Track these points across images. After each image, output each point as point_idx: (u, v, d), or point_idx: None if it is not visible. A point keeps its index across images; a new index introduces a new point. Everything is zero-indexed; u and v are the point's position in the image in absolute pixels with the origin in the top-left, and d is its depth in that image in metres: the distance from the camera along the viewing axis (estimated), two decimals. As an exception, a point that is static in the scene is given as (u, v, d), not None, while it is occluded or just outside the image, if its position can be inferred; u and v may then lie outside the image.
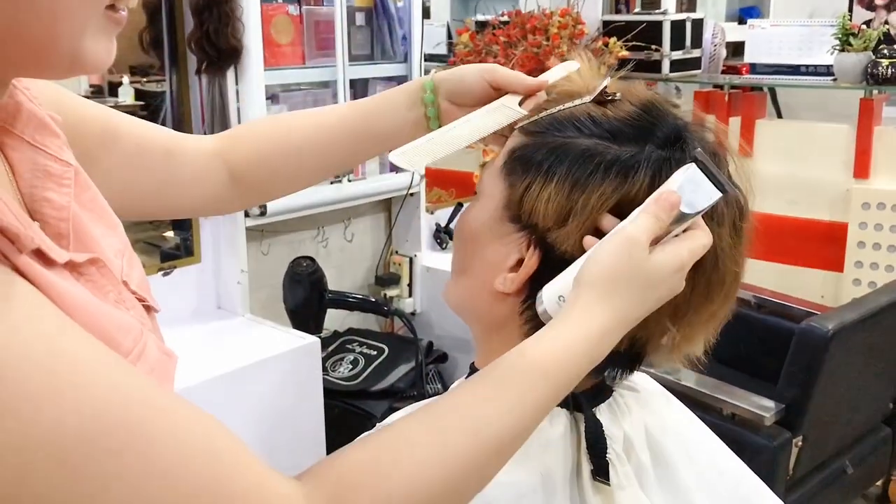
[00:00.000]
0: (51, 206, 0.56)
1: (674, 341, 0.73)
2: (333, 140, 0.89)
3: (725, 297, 0.73)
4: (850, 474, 2.04)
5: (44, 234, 0.50)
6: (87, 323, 0.48)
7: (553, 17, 2.70)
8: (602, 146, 0.69)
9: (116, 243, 0.63)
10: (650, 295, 0.64)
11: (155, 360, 0.56)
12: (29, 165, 0.57)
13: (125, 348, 0.52)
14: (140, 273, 0.65)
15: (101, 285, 0.55)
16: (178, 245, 2.12)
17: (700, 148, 0.68)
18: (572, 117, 0.72)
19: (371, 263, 2.65)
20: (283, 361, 1.94)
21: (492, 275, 0.73)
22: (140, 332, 0.55)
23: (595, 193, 0.67)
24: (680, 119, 0.72)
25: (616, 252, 0.63)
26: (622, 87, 0.74)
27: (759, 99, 2.88)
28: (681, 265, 0.64)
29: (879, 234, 2.55)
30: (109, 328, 0.51)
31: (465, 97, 0.83)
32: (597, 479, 0.72)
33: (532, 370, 0.59)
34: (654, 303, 0.65)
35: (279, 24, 2.13)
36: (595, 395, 0.77)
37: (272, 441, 1.89)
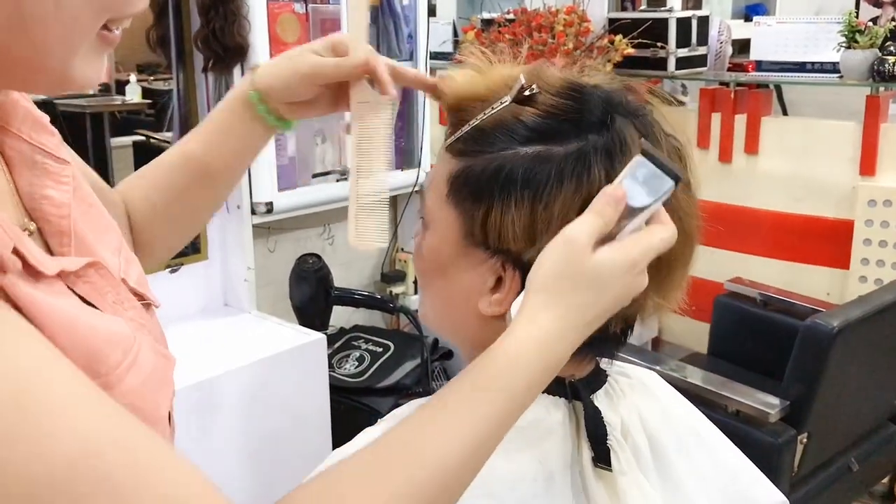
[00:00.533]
0: (51, 203, 0.56)
1: (656, 304, 0.73)
2: (193, 182, 0.84)
3: (693, 248, 0.73)
4: (855, 471, 2.04)
5: (33, 245, 0.49)
6: (73, 342, 0.47)
7: (559, 15, 2.70)
8: (545, 151, 0.67)
9: (113, 241, 0.63)
10: (602, 296, 0.61)
11: (150, 367, 0.55)
12: (27, 163, 0.56)
13: (114, 360, 0.51)
14: (138, 269, 0.64)
15: (99, 287, 0.55)
16: (185, 242, 2.13)
17: (642, 132, 0.67)
18: (500, 125, 0.69)
19: (377, 260, 2.66)
20: (290, 358, 1.95)
21: (474, 300, 0.72)
22: (132, 340, 0.54)
23: (557, 203, 0.65)
24: (600, 91, 0.70)
25: (554, 254, 0.61)
26: (531, 73, 0.71)
27: (765, 96, 2.88)
28: (632, 263, 0.61)
29: (886, 231, 2.54)
30: (97, 342, 0.50)
31: (298, 99, 0.80)
32: (598, 465, 0.72)
33: (480, 388, 0.57)
34: (610, 303, 0.62)
35: (285, 23, 2.14)
36: (591, 381, 0.77)
37: (278, 437, 1.90)
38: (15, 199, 0.55)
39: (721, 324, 2.51)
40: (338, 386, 2.19)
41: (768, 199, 2.79)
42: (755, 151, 2.81)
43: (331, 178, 2.36)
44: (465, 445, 0.56)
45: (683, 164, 0.72)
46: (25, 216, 0.55)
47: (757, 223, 2.81)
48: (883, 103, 2.58)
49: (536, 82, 0.70)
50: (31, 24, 0.46)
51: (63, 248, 0.56)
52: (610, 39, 2.78)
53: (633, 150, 0.66)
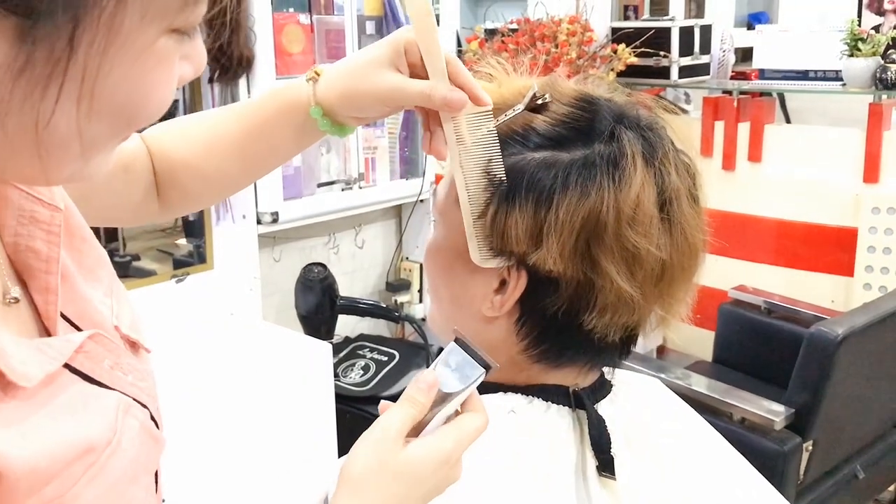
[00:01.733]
0: (37, 257, 0.52)
1: (659, 317, 0.74)
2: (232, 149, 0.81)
3: (699, 263, 0.73)
4: (861, 479, 2.04)
5: (13, 347, 0.45)
6: (31, 484, 0.44)
7: (562, 25, 2.71)
8: (551, 157, 0.68)
9: (104, 279, 0.60)
10: (413, 490, 0.59)
11: (122, 468, 0.50)
12: (14, 212, 0.53)
13: (72, 479, 0.47)
14: (130, 310, 0.61)
15: (94, 356, 0.52)
16: (190, 252, 2.15)
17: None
18: (511, 132, 0.71)
19: (382, 270, 2.67)
20: (295, 367, 1.96)
21: (479, 302, 0.73)
22: (108, 440, 0.49)
23: (561, 208, 0.66)
24: (612, 104, 0.72)
25: (366, 447, 0.60)
26: (545, 84, 0.72)
27: (768, 104, 2.88)
28: (445, 458, 0.60)
29: (890, 238, 2.54)
30: (57, 469, 0.46)
31: (369, 116, 0.75)
32: (602, 474, 0.73)
33: None
34: (422, 498, 0.60)
35: (290, 34, 2.15)
36: (595, 390, 0.78)
37: (283, 446, 1.90)
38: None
39: (725, 332, 2.51)
40: (343, 395, 2.20)
41: (772, 206, 2.79)
42: (758, 159, 2.81)
43: (336, 187, 2.37)
44: None
45: (692, 179, 0.72)
46: (10, 274, 0.52)
47: (760, 231, 2.81)
48: (886, 111, 2.58)
49: (550, 92, 0.71)
50: (50, 153, 0.45)
51: (48, 306, 0.52)
52: (613, 49, 2.79)
53: (638, 162, 0.67)
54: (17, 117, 0.43)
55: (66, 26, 0.41)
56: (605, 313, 0.69)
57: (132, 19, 0.43)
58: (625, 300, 0.68)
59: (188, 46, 0.48)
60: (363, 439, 0.61)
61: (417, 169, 2.56)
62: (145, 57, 0.44)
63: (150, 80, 0.45)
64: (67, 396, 0.49)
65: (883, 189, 2.58)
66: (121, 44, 0.43)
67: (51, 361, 0.48)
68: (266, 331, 2.11)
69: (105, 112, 0.45)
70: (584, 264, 0.67)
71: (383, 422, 0.61)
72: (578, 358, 0.74)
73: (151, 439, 0.55)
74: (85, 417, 0.49)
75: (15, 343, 0.46)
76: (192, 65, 0.49)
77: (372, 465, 0.59)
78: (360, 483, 0.59)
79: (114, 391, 0.53)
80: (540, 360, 0.74)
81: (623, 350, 0.76)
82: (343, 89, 0.73)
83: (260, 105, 0.80)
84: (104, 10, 0.41)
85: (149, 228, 2.12)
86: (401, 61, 0.70)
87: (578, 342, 0.73)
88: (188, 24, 0.46)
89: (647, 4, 3.89)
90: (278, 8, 2.13)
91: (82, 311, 0.55)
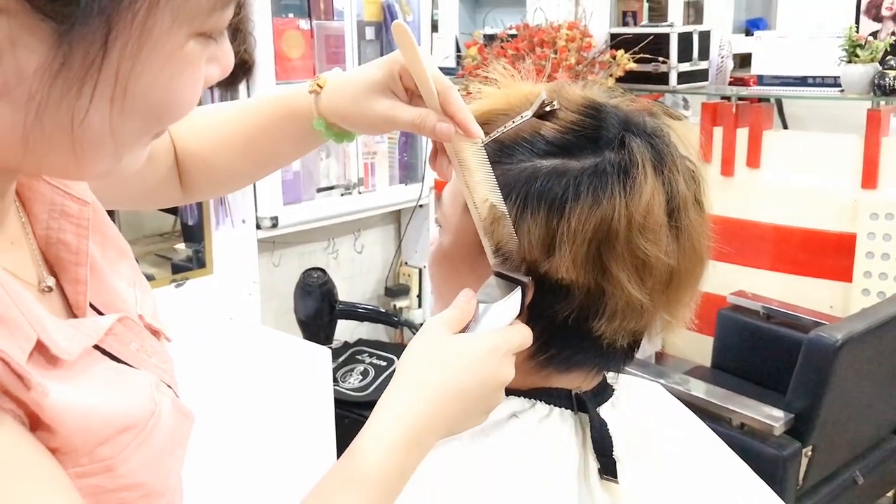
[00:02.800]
0: (67, 249, 0.55)
1: (665, 322, 0.74)
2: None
3: (704, 268, 0.74)
4: (860, 484, 2.04)
5: (53, 324, 0.48)
6: (85, 440, 0.47)
7: (561, 31, 2.72)
8: (561, 165, 0.68)
9: (128, 271, 0.62)
10: (461, 374, 0.62)
11: (164, 437, 0.54)
12: (45, 206, 0.56)
13: (121, 445, 0.49)
14: (152, 300, 0.64)
15: (122, 338, 0.55)
16: (190, 257, 2.15)
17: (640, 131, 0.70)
18: (519, 139, 0.71)
19: (381, 275, 2.67)
20: (294, 372, 1.96)
21: None
22: (149, 414, 0.53)
23: (573, 216, 0.66)
24: (619, 111, 0.72)
25: (416, 340, 0.64)
26: (552, 90, 0.73)
27: (767, 110, 2.89)
28: (492, 346, 0.63)
29: (888, 244, 2.55)
30: (108, 433, 0.49)
31: (367, 134, 0.78)
32: (605, 477, 0.73)
33: (349, 479, 0.59)
34: (471, 382, 0.62)
35: (290, 39, 2.16)
36: (598, 394, 0.78)
37: (283, 451, 1.90)
38: (31, 244, 0.55)
39: (724, 337, 2.51)
40: (342, 400, 2.20)
41: (770, 212, 2.80)
42: (757, 165, 2.82)
43: (335, 192, 2.37)
44: None
45: (697, 185, 0.73)
46: (42, 264, 0.55)
47: (759, 236, 2.82)
48: (884, 117, 2.59)
49: (557, 98, 0.71)
50: (84, 150, 0.47)
51: (78, 297, 0.55)
52: (612, 55, 2.80)
53: (648, 170, 0.68)
54: (55, 115, 0.44)
55: (100, 30, 0.43)
56: (614, 319, 0.69)
57: (163, 24, 0.44)
58: (634, 306, 0.68)
59: (215, 48, 0.50)
60: (414, 338, 0.64)
61: (417, 174, 2.57)
62: (175, 60, 0.46)
63: (179, 82, 0.47)
64: (103, 373, 0.51)
65: (881, 195, 2.58)
66: (152, 47, 0.45)
67: (86, 337, 0.51)
68: (265, 336, 2.11)
69: (136, 111, 0.47)
70: (595, 272, 0.67)
71: (428, 321, 0.64)
72: (586, 363, 0.74)
73: (182, 415, 0.58)
74: (123, 390, 0.52)
75: (54, 322, 0.48)
76: (219, 66, 0.51)
77: (420, 353, 0.62)
78: (410, 371, 0.62)
79: (142, 371, 0.55)
80: (547, 365, 0.75)
81: (628, 355, 0.76)
82: (341, 110, 0.75)
83: (267, 107, 0.82)
84: (136, 15, 0.43)
85: (148, 233, 2.13)
86: (396, 85, 0.71)
87: (586, 348, 0.73)
88: (216, 28, 0.48)
89: (645, 10, 3.90)
90: (278, 13, 2.14)
91: (109, 301, 0.58)
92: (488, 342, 0.63)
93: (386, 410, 0.61)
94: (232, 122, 0.84)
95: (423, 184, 2.55)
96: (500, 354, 0.63)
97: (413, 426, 0.60)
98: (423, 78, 0.67)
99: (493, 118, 0.73)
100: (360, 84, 0.73)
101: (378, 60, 0.73)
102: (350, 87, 0.74)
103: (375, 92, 0.72)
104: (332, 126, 0.77)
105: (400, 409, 0.61)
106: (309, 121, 0.77)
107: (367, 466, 0.59)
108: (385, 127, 0.73)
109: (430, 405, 0.61)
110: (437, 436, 0.62)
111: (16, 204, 0.55)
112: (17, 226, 0.54)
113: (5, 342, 0.43)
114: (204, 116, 0.85)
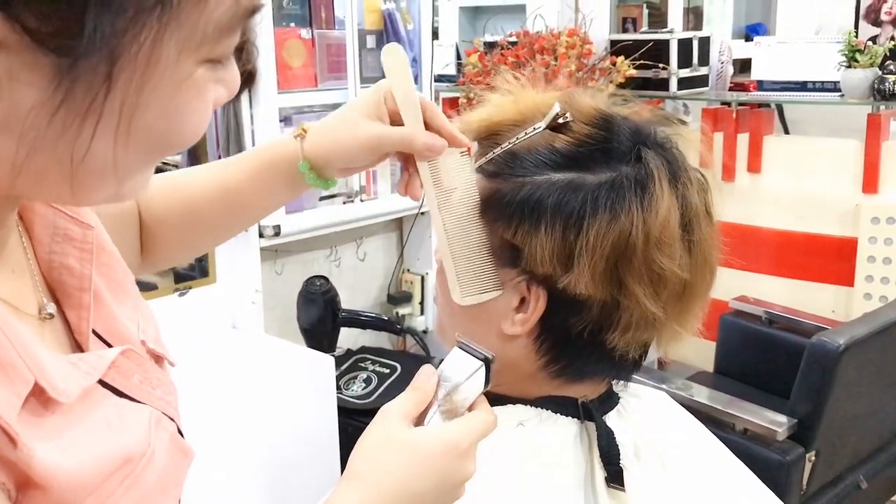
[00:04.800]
0: (70, 274, 0.54)
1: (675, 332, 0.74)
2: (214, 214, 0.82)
3: (714, 278, 0.74)
4: (864, 489, 2.04)
5: (53, 364, 0.46)
6: (80, 492, 0.45)
7: (561, 38, 2.72)
8: (577, 179, 0.68)
9: (130, 295, 0.61)
10: (422, 472, 0.58)
11: (155, 477, 0.51)
12: (48, 230, 0.54)
13: (108, 491, 0.48)
14: (154, 325, 0.62)
15: (125, 370, 0.53)
16: (192, 266, 2.15)
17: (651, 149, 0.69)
18: (532, 150, 0.70)
19: (383, 282, 2.67)
20: (298, 379, 1.96)
21: (497, 319, 0.73)
22: (140, 457, 0.50)
23: (592, 231, 0.66)
24: (630, 122, 0.72)
25: (368, 430, 0.61)
26: (562, 101, 0.73)
27: (767, 115, 2.90)
28: (453, 443, 0.59)
29: (889, 248, 2.55)
30: (97, 482, 0.47)
31: (355, 166, 0.77)
32: (611, 485, 0.73)
33: None
34: (431, 486, 0.58)
35: (291, 48, 2.17)
36: (604, 402, 0.78)
37: (287, 459, 1.90)
38: (34, 268, 0.53)
39: (727, 342, 2.51)
40: (345, 407, 2.19)
41: (772, 217, 2.80)
42: (758, 170, 2.82)
43: (337, 200, 2.37)
44: None
45: (707, 194, 0.73)
46: (44, 290, 0.53)
47: (761, 241, 2.82)
48: (884, 121, 2.59)
49: (568, 110, 0.71)
50: (84, 181, 0.45)
51: (81, 322, 0.54)
52: (612, 61, 2.80)
53: (665, 184, 0.68)
54: (53, 149, 0.43)
55: (103, 64, 0.41)
56: (628, 331, 0.69)
57: (169, 55, 0.43)
58: (648, 319, 0.69)
59: (222, 72, 0.48)
60: (366, 431, 0.61)
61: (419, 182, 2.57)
62: (182, 89, 0.45)
63: (186, 111, 0.46)
64: (103, 410, 0.50)
65: (882, 199, 2.59)
66: (158, 79, 0.43)
67: (86, 376, 0.49)
68: (268, 344, 2.11)
69: (142, 142, 0.45)
70: (612, 286, 0.67)
71: (384, 407, 0.61)
72: (598, 374, 0.74)
73: (181, 452, 0.56)
74: (122, 430, 0.50)
75: (54, 359, 0.47)
76: (226, 88, 0.50)
77: (377, 441, 0.59)
78: (365, 459, 0.59)
79: (144, 405, 0.54)
80: (559, 375, 0.75)
81: (636, 364, 0.77)
82: (329, 142, 0.75)
83: (246, 160, 0.82)
84: (142, 47, 0.41)
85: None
86: (381, 111, 0.72)
87: (599, 359, 0.73)
88: (223, 54, 0.47)
89: (645, 17, 3.91)
90: (279, 23, 2.14)
91: (111, 328, 0.56)
92: (447, 440, 0.59)
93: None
94: (209, 178, 0.82)
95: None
96: (460, 451, 0.59)
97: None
98: (412, 97, 0.68)
99: (505, 129, 0.73)
100: (349, 112, 0.74)
101: (363, 92, 0.75)
102: (338, 119, 0.75)
103: (363, 116, 0.72)
104: (315, 170, 0.76)
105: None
106: (292, 166, 0.76)
107: None
108: (374, 150, 0.73)
109: (369, 495, 0.58)
110: None
111: (18, 228, 0.53)
112: (18, 252, 0.53)
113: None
114: (176, 178, 0.83)
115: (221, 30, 0.45)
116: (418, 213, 2.56)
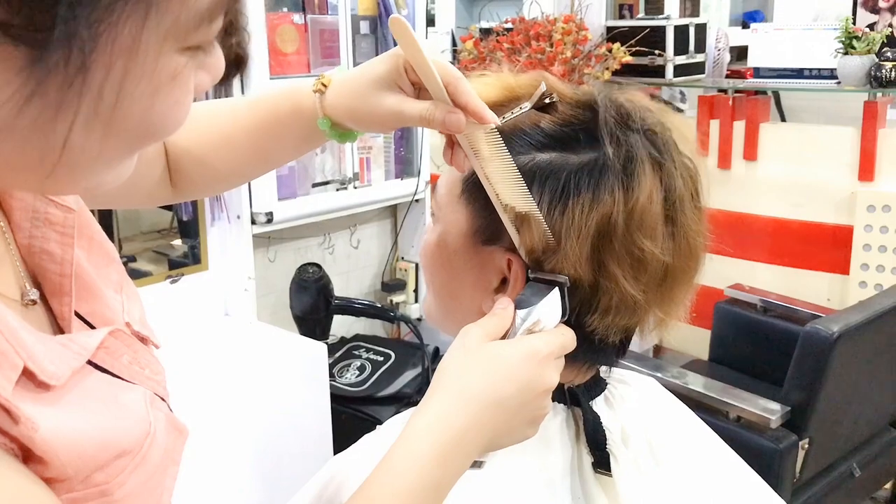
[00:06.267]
0: (51, 259, 0.53)
1: (658, 319, 0.74)
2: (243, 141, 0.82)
3: (699, 265, 0.73)
4: (857, 477, 2.04)
5: (40, 347, 0.46)
6: (78, 467, 0.45)
7: (557, 24, 2.71)
8: (559, 159, 0.68)
9: (114, 276, 0.60)
10: (499, 380, 0.60)
11: (158, 457, 0.52)
12: (27, 214, 0.53)
13: (117, 470, 0.48)
14: (139, 306, 0.62)
15: (114, 351, 0.53)
16: (185, 253, 2.14)
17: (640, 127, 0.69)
18: (518, 130, 0.70)
19: (377, 269, 2.66)
20: (290, 367, 1.96)
21: (479, 298, 0.73)
22: (145, 436, 0.51)
23: (575, 209, 0.66)
24: (617, 104, 0.71)
25: (453, 347, 0.63)
26: (546, 82, 0.72)
27: (763, 103, 2.89)
28: (532, 351, 0.62)
29: (885, 236, 2.55)
30: (105, 458, 0.47)
31: (374, 131, 0.76)
32: (598, 471, 0.73)
33: (386, 494, 0.56)
34: (510, 389, 0.60)
35: (284, 33, 2.15)
36: (590, 388, 0.78)
37: (279, 447, 1.90)
38: (14, 254, 0.52)
39: (721, 330, 2.51)
40: (339, 395, 2.19)
41: (768, 205, 2.80)
42: (754, 158, 2.82)
43: (330, 187, 2.36)
44: None
45: (694, 182, 0.72)
46: (25, 275, 0.53)
47: (756, 229, 2.82)
48: (881, 109, 2.58)
49: (552, 90, 0.71)
50: (63, 172, 0.44)
51: (63, 308, 0.53)
52: (608, 48, 2.79)
53: (647, 167, 0.67)
54: (26, 143, 0.42)
55: (78, 55, 0.39)
56: (607, 315, 0.69)
57: (148, 44, 0.41)
58: (627, 303, 0.68)
59: (204, 58, 0.47)
60: (447, 352, 0.63)
61: (413, 169, 2.56)
62: (163, 78, 0.43)
63: (168, 100, 0.45)
64: (97, 391, 0.50)
65: (878, 187, 2.58)
66: (137, 69, 0.42)
67: (75, 357, 0.49)
68: (261, 331, 2.11)
69: (122, 133, 0.44)
70: (592, 267, 0.67)
71: (465, 328, 0.62)
72: (577, 358, 0.74)
73: (176, 430, 0.56)
74: (117, 411, 0.50)
75: (41, 342, 0.46)
76: (209, 74, 0.48)
77: (456, 359, 0.60)
78: (445, 376, 0.60)
79: (136, 385, 0.54)
80: None
81: (620, 350, 0.76)
82: (346, 108, 0.72)
83: (269, 103, 0.80)
84: (118, 37, 0.40)
85: (146, 229, 2.12)
86: (402, 80, 0.69)
87: (577, 342, 0.72)
88: (205, 40, 0.45)
89: (641, 3, 3.89)
90: (272, 8, 2.13)
91: (95, 309, 0.56)
92: (527, 347, 0.62)
93: (419, 422, 0.59)
94: (231, 119, 0.81)
95: (420, 178, 2.54)
96: (540, 359, 0.62)
97: (447, 440, 0.58)
98: (427, 70, 0.65)
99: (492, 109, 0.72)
100: (366, 80, 0.70)
101: (382, 56, 0.71)
102: (355, 85, 0.72)
103: (381, 88, 0.69)
104: (337, 126, 0.75)
105: (433, 422, 0.59)
106: (313, 120, 0.75)
107: (399, 482, 0.56)
108: (392, 123, 0.71)
109: (465, 417, 0.59)
110: (476, 448, 0.60)
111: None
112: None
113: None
114: (200, 113, 0.83)
115: (202, 16, 0.43)
116: (412, 201, 2.55)
